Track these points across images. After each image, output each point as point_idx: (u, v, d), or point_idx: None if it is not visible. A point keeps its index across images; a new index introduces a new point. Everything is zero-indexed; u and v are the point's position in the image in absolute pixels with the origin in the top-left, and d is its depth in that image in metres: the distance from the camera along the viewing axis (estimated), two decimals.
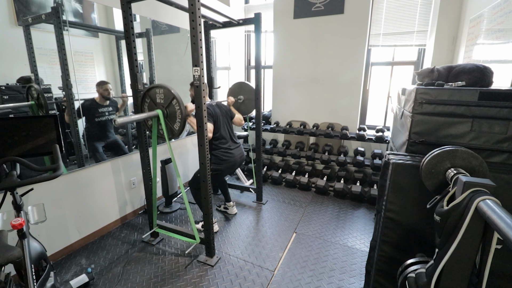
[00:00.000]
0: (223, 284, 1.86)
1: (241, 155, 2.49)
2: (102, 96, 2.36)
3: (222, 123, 2.37)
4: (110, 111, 2.46)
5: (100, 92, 2.33)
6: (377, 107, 3.69)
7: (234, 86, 2.98)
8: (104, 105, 2.40)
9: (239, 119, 2.61)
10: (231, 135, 2.46)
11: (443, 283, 0.85)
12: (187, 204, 2.01)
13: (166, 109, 1.90)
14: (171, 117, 1.92)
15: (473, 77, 1.38)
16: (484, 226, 0.77)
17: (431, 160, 1.07)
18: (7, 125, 1.33)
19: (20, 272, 1.23)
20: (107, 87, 2.38)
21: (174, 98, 1.84)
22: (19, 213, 1.29)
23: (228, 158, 2.36)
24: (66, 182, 2.09)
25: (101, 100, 2.36)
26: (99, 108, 2.36)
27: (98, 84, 2.33)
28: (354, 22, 3.29)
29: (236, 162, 2.43)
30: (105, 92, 2.36)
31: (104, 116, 2.41)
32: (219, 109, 2.39)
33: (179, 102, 1.84)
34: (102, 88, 2.34)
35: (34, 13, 1.84)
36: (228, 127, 2.45)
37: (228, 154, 2.36)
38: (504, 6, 1.84)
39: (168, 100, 1.87)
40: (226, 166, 2.36)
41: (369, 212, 2.86)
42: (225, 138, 2.38)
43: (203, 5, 1.91)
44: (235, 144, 2.46)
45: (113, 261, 2.08)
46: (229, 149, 2.38)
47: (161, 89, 1.88)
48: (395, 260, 1.29)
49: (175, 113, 1.89)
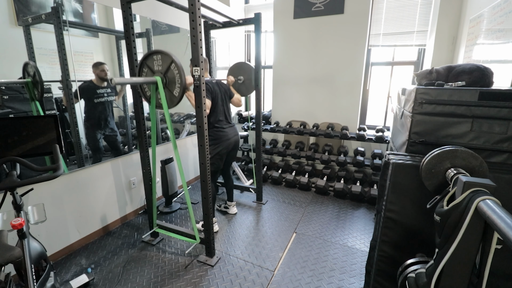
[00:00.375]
0: (223, 284, 1.86)
1: (235, 134, 2.46)
2: (99, 77, 2.33)
3: (220, 101, 2.34)
4: (109, 93, 2.43)
5: (96, 73, 2.31)
6: (377, 107, 3.69)
7: (234, 66, 2.88)
8: (102, 87, 2.37)
9: (238, 99, 2.58)
10: (226, 115, 2.42)
11: (443, 283, 0.85)
12: (189, 203, 2.01)
13: (164, 75, 1.82)
14: (170, 84, 1.83)
15: (474, 77, 1.38)
16: (484, 226, 0.77)
17: (431, 160, 1.07)
18: (7, 125, 1.33)
19: (20, 272, 1.23)
20: (104, 68, 2.34)
21: (173, 62, 1.76)
22: (19, 213, 1.29)
23: (222, 135, 2.34)
24: (66, 182, 2.10)
25: (98, 81, 2.33)
26: (97, 89, 2.34)
27: (94, 65, 2.30)
28: (354, 22, 3.29)
29: (230, 140, 2.39)
30: (102, 73, 2.33)
31: (103, 97, 2.38)
32: (218, 87, 2.34)
33: (177, 67, 1.75)
34: (99, 69, 2.31)
35: (34, 13, 1.84)
36: (225, 107, 2.41)
37: (223, 132, 2.34)
38: (504, 6, 1.84)
39: (166, 64, 1.78)
40: (222, 144, 2.33)
41: (369, 212, 2.86)
42: (220, 116, 2.36)
43: (203, 5, 1.91)
44: (229, 124, 2.43)
45: (113, 261, 2.08)
46: (223, 127, 2.36)
47: (158, 55, 1.80)
48: (395, 260, 1.29)
49: (174, 79, 1.80)
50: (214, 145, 2.30)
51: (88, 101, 2.27)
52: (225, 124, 2.40)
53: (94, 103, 2.33)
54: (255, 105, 2.79)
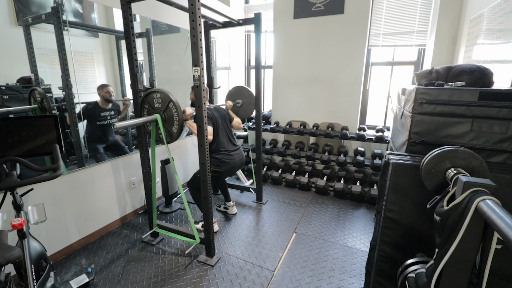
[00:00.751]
0: (223, 284, 1.86)
1: (240, 157, 2.50)
2: (104, 99, 2.37)
3: (221, 126, 2.39)
4: (112, 115, 2.47)
5: (102, 95, 2.34)
6: (377, 107, 3.69)
7: (232, 90, 2.98)
8: (107, 109, 2.42)
9: (238, 123, 2.62)
10: (230, 138, 2.47)
11: (443, 283, 0.85)
12: (186, 204, 2.01)
13: (164, 113, 1.92)
14: (169, 121, 1.93)
15: (474, 77, 1.38)
16: (484, 226, 0.77)
17: (431, 160, 1.07)
18: (7, 125, 1.33)
19: (20, 272, 1.23)
20: (109, 90, 2.38)
21: (171, 102, 1.87)
22: (19, 213, 1.29)
23: (228, 161, 2.36)
24: (66, 182, 2.10)
25: (103, 103, 2.38)
26: (101, 112, 2.38)
27: (99, 87, 2.34)
28: (354, 22, 3.29)
29: (235, 164, 2.44)
30: (107, 94, 2.37)
31: (106, 120, 2.43)
32: (217, 112, 2.40)
33: (175, 106, 1.86)
34: (104, 91, 2.35)
35: (34, 13, 1.84)
36: (227, 130, 2.46)
37: (228, 157, 2.37)
38: (504, 6, 1.84)
39: (165, 104, 1.89)
40: (226, 169, 2.37)
41: (369, 212, 2.86)
42: (224, 141, 2.39)
43: (203, 5, 1.91)
44: (234, 146, 2.47)
45: (113, 261, 2.08)
46: (229, 151, 2.39)
47: (158, 94, 1.90)
48: (395, 260, 1.29)
49: (172, 116, 1.90)
50: (216, 167, 2.33)
51: (90, 123, 2.31)
52: (231, 147, 2.44)
53: (96, 126, 2.36)
54: (255, 105, 2.79)
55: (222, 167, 2.34)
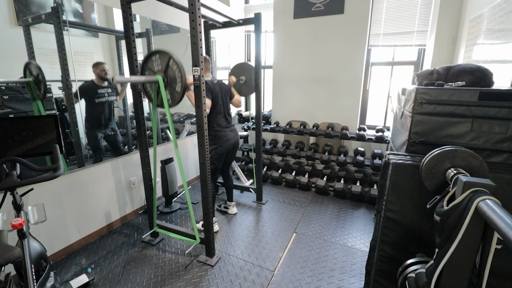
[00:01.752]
0: (223, 284, 1.86)
1: (235, 135, 2.46)
2: (99, 76, 2.33)
3: (220, 102, 2.34)
4: (110, 93, 2.43)
5: (97, 72, 2.31)
6: (377, 107, 3.69)
7: (236, 66, 2.87)
8: (103, 86, 2.38)
9: (238, 100, 2.58)
10: (226, 115, 2.42)
11: (443, 283, 0.85)
12: (190, 203, 2.01)
13: (165, 74, 1.84)
14: (172, 83, 1.84)
15: (475, 77, 1.38)
16: (484, 226, 0.77)
17: (431, 160, 1.07)
18: (7, 125, 1.33)
19: (20, 272, 1.23)
20: (104, 67, 2.34)
21: (170, 58, 1.77)
22: (19, 213, 1.29)
23: (222, 136, 2.34)
24: (66, 182, 2.10)
25: (99, 81, 2.34)
26: (97, 89, 2.34)
27: (94, 65, 2.30)
28: (354, 22, 3.29)
29: (230, 140, 2.39)
30: (102, 72, 2.33)
31: (104, 97, 2.38)
32: (219, 87, 2.34)
33: (176, 63, 1.76)
34: (99, 69, 2.32)
35: (34, 13, 1.84)
36: (225, 107, 2.41)
37: (222, 133, 2.34)
38: (504, 6, 1.84)
39: (165, 62, 1.80)
40: (221, 144, 2.33)
41: (369, 212, 2.86)
42: (220, 117, 2.36)
43: (203, 5, 1.91)
44: (229, 124, 2.43)
45: (113, 261, 2.08)
46: (223, 128, 2.36)
47: (156, 55, 1.82)
48: (395, 260, 1.29)
49: (175, 78, 1.81)
50: (213, 145, 2.30)
51: (88, 101, 2.28)
52: (225, 124, 2.40)
53: (95, 103, 2.33)
54: (255, 105, 2.79)
55: (217, 143, 2.31)
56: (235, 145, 2.49)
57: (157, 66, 1.84)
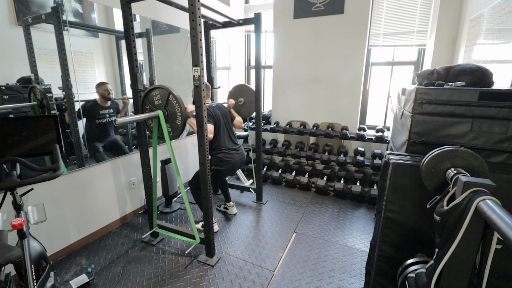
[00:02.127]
0: (223, 284, 1.86)
1: (241, 156, 2.50)
2: (103, 97, 2.36)
3: (222, 124, 2.39)
4: (111, 113, 2.46)
5: (100, 92, 2.34)
6: (377, 107, 3.69)
7: (234, 89, 2.98)
8: (105, 107, 2.41)
9: (239, 122, 2.63)
10: (231, 136, 2.47)
11: (443, 283, 0.85)
12: (187, 204, 2.01)
13: (165, 108, 1.90)
14: (171, 117, 1.92)
15: (475, 77, 1.38)
16: (484, 226, 0.77)
17: (431, 160, 1.07)
18: (7, 125, 1.33)
19: (20, 272, 1.23)
20: (107, 88, 2.38)
21: (170, 94, 1.84)
22: (19, 213, 1.29)
23: (228, 160, 2.37)
24: (66, 182, 2.09)
25: (102, 101, 2.37)
26: (100, 109, 2.37)
27: (98, 85, 2.33)
28: (354, 22, 3.29)
29: (236, 163, 2.44)
30: (105, 92, 2.37)
31: (105, 118, 2.42)
32: (219, 110, 2.40)
33: (176, 98, 1.83)
34: (102, 89, 2.35)
35: (34, 13, 1.84)
36: (228, 129, 2.46)
37: (229, 156, 2.37)
38: (504, 6, 1.83)
39: (165, 98, 1.87)
40: (226, 167, 2.37)
41: (369, 212, 2.86)
42: (225, 139, 2.39)
43: (203, 5, 1.91)
44: (235, 145, 2.47)
45: (113, 261, 2.08)
46: (229, 150, 2.39)
47: (156, 90, 1.90)
48: (395, 260, 1.29)
49: (175, 113, 1.89)
50: (217, 166, 2.33)
51: (89, 121, 2.30)
52: (232, 145, 2.44)
53: (95, 124, 2.36)
54: (255, 105, 2.79)
55: (222, 166, 2.34)
56: (241, 164, 2.53)
57: (158, 101, 1.91)
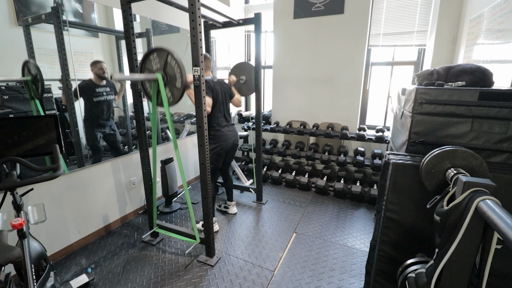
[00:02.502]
0: (223, 284, 1.86)
1: (234, 135, 2.46)
2: (98, 75, 2.32)
3: (220, 101, 2.33)
4: (108, 92, 2.43)
5: (95, 71, 2.30)
6: (377, 107, 3.69)
7: (236, 66, 2.88)
8: (101, 85, 2.37)
9: (238, 100, 2.58)
10: (225, 115, 2.42)
11: (443, 283, 0.85)
12: (189, 203, 2.01)
13: (164, 72, 1.82)
14: (171, 81, 1.83)
15: (475, 77, 1.38)
16: (484, 226, 0.77)
17: (431, 160, 1.07)
18: (7, 125, 1.33)
19: (20, 272, 1.23)
20: (102, 66, 2.34)
21: (169, 55, 1.76)
22: (19, 213, 1.29)
23: (221, 135, 2.34)
24: (66, 182, 2.10)
25: (97, 79, 2.34)
26: (96, 87, 2.34)
27: (93, 63, 2.30)
28: (354, 22, 3.29)
29: (229, 141, 2.39)
30: (100, 71, 2.33)
31: (102, 96, 2.38)
32: (219, 86, 2.34)
33: (175, 59, 1.75)
34: (97, 67, 2.31)
35: (34, 13, 1.84)
36: (225, 107, 2.41)
37: (221, 132, 2.34)
38: (504, 6, 1.83)
39: (163, 59, 1.79)
40: (221, 144, 2.33)
41: (369, 212, 2.86)
42: (220, 116, 2.36)
43: (203, 5, 1.91)
44: (228, 123, 2.43)
45: (113, 261, 2.08)
46: (223, 128, 2.36)
47: (154, 53, 1.81)
48: (395, 260, 1.29)
49: (175, 75, 1.80)
50: (212, 144, 2.30)
51: (87, 100, 2.28)
52: (225, 124, 2.40)
53: (93, 102, 2.33)
54: (255, 105, 2.79)
55: (216, 142, 2.31)
56: (234, 145, 2.49)
57: (156, 64, 1.83)
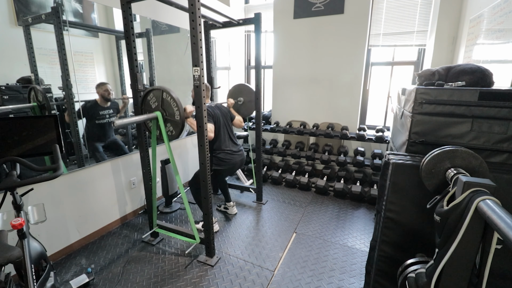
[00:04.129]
0: (223, 284, 1.86)
1: (241, 157, 2.50)
2: (103, 97, 2.36)
3: (222, 124, 2.39)
4: (111, 114, 2.46)
5: (100, 93, 2.34)
6: (377, 107, 3.69)
7: (233, 88, 2.99)
8: (105, 107, 2.41)
9: (239, 121, 2.63)
10: (231, 136, 2.47)
11: (443, 283, 0.85)
12: (187, 204, 2.01)
13: (163, 109, 1.90)
14: (170, 116, 1.91)
15: (475, 77, 1.38)
16: (484, 226, 0.77)
17: (431, 160, 1.07)
18: (7, 125, 1.33)
19: (20, 272, 1.23)
20: (107, 88, 2.38)
21: (164, 92, 1.84)
22: (19, 213, 1.29)
23: (229, 160, 2.37)
24: (66, 182, 2.09)
25: (102, 101, 2.37)
26: (100, 110, 2.37)
27: (98, 85, 2.33)
28: (354, 22, 3.29)
29: (236, 163, 2.44)
30: (105, 92, 2.36)
31: (105, 119, 2.42)
32: (219, 110, 2.40)
33: (170, 95, 1.83)
34: (102, 89, 2.35)
35: (34, 13, 1.84)
36: (228, 129, 2.46)
37: (229, 156, 2.38)
38: (504, 6, 1.83)
39: (159, 98, 1.87)
40: (226, 167, 2.37)
41: (369, 212, 2.86)
42: (226, 139, 2.40)
43: (203, 5, 1.91)
44: (235, 145, 2.47)
45: (113, 261, 2.08)
46: (229, 150, 2.39)
47: (151, 94, 1.91)
48: (395, 260, 1.29)
49: (173, 112, 1.88)
50: (217, 166, 2.34)
51: (89, 121, 2.31)
52: (232, 146, 2.44)
53: (95, 124, 2.36)
54: (255, 105, 2.79)
55: (222, 166, 2.34)
56: (241, 164, 2.53)
57: (154, 103, 1.93)
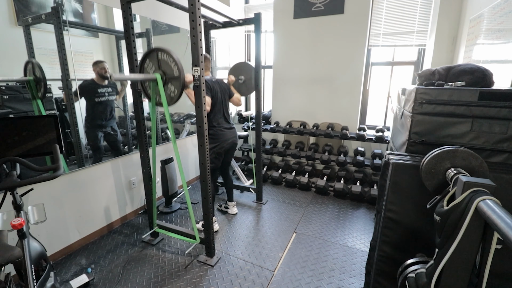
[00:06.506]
0: (223, 284, 1.86)
1: (233, 134, 2.46)
2: (100, 75, 2.33)
3: (219, 100, 2.33)
4: (110, 92, 2.43)
5: (97, 71, 2.30)
6: (377, 107, 3.69)
7: (235, 65, 2.89)
8: (103, 85, 2.38)
9: (238, 99, 2.57)
10: (225, 115, 2.42)
11: (443, 283, 0.85)
12: (189, 203, 2.01)
13: (162, 71, 1.84)
14: (170, 80, 1.85)
15: (475, 77, 1.38)
16: (484, 226, 0.77)
17: (431, 160, 1.07)
18: (7, 125, 1.33)
19: (20, 272, 1.23)
20: (104, 66, 2.34)
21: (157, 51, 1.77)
22: (19, 213, 1.29)
23: (221, 135, 2.34)
24: (66, 182, 2.09)
25: (99, 79, 2.34)
26: (98, 88, 2.34)
27: (94, 63, 2.30)
28: (354, 22, 3.29)
29: (227, 140, 2.39)
30: (102, 70, 2.33)
31: (104, 97, 2.38)
32: (218, 86, 2.34)
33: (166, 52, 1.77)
34: (99, 67, 2.31)
35: (34, 13, 1.84)
36: (224, 107, 2.40)
37: (220, 131, 2.35)
38: (504, 6, 1.84)
39: (155, 58, 1.82)
40: (220, 143, 2.33)
41: (369, 212, 2.86)
42: (219, 116, 2.36)
43: (203, 5, 1.91)
44: (228, 123, 2.43)
45: (113, 261, 2.08)
46: (222, 128, 2.36)
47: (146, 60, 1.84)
48: (395, 260, 1.29)
49: (171, 69, 1.81)
50: (212, 144, 2.30)
51: (89, 101, 2.28)
52: (224, 124, 2.40)
53: (95, 102, 2.33)
54: (255, 105, 2.79)
55: (215, 142, 2.31)
56: (234, 144, 2.49)
57: (151, 69, 1.87)
